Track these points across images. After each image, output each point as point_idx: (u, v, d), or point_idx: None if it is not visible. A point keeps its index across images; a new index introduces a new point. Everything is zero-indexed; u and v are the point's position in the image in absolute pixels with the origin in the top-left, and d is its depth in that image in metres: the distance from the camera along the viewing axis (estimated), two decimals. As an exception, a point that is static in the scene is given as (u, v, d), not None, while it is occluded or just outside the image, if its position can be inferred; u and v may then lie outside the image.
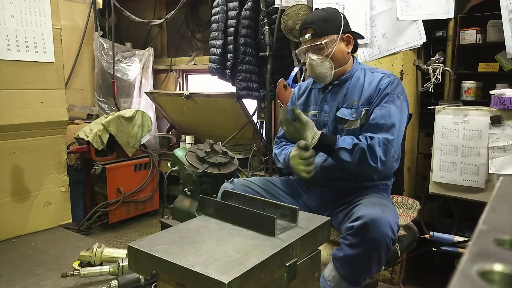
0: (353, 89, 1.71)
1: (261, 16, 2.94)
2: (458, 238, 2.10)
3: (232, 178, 1.80)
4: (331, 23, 1.68)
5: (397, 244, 1.55)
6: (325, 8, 1.78)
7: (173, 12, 3.60)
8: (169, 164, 2.95)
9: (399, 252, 1.55)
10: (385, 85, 1.63)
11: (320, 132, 1.58)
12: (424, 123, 2.44)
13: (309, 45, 1.69)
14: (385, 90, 1.62)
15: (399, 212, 1.80)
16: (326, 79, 1.73)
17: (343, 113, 1.69)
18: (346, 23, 1.71)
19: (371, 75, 1.70)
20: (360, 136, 1.58)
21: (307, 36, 1.68)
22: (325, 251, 1.69)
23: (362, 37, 1.81)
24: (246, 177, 2.77)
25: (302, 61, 1.81)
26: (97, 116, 3.69)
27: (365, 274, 1.43)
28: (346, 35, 1.71)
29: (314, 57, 1.68)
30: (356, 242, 1.37)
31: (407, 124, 2.06)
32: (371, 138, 1.55)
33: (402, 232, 1.65)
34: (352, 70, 1.74)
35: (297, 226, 1.23)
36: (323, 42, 1.65)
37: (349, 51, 1.73)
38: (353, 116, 1.66)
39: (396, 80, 1.66)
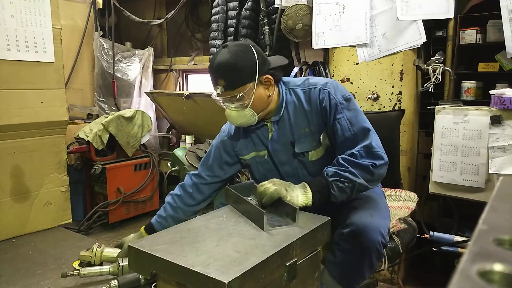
0: (295, 117, 1.55)
1: (261, 16, 2.94)
2: (458, 238, 2.10)
3: (229, 184, 1.77)
4: (244, 71, 1.45)
5: (398, 240, 1.55)
6: (234, 48, 1.47)
7: (173, 12, 3.60)
8: (169, 164, 2.95)
9: (400, 248, 1.55)
10: (327, 100, 1.49)
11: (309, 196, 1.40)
12: (424, 123, 2.44)
13: (222, 98, 1.50)
14: (330, 104, 1.48)
15: (398, 205, 1.80)
16: (251, 124, 1.57)
17: (302, 147, 1.55)
18: (263, 62, 1.49)
19: (303, 93, 1.55)
20: (336, 159, 1.45)
21: (219, 89, 1.47)
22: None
23: (285, 62, 1.62)
24: (246, 177, 2.77)
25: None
26: (97, 116, 3.69)
27: (358, 278, 1.44)
28: (265, 77, 1.50)
29: (232, 106, 1.51)
30: (347, 248, 1.37)
31: (399, 121, 2.06)
32: (351, 155, 1.43)
33: (403, 225, 1.64)
34: (281, 101, 1.57)
35: (296, 226, 1.25)
36: (238, 95, 1.46)
37: (270, 93, 1.53)
38: (313, 144, 1.54)
39: (332, 86, 1.51)
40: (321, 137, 1.53)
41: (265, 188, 1.36)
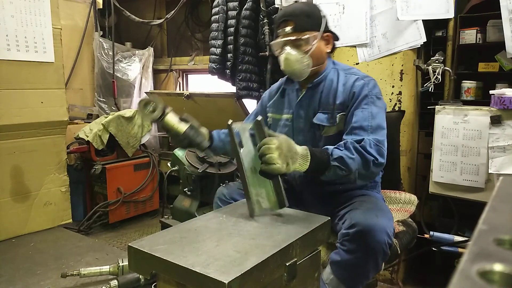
0: (327, 92, 1.64)
1: (261, 16, 2.94)
2: (458, 238, 2.10)
3: (228, 181, 1.78)
4: (314, 19, 1.60)
5: (396, 241, 1.55)
6: (307, 2, 1.68)
7: (173, 12, 3.60)
8: (169, 164, 2.95)
9: (399, 249, 1.55)
10: (359, 88, 1.56)
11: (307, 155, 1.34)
12: (424, 123, 2.44)
13: (288, 38, 1.59)
14: (362, 92, 1.55)
15: (398, 208, 1.80)
16: (302, 76, 1.63)
17: (320, 118, 1.63)
18: (327, 22, 1.64)
19: (344, 76, 1.64)
20: (345, 142, 1.45)
21: (287, 29, 1.58)
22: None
23: (338, 39, 1.71)
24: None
25: (276, 55, 1.68)
26: (97, 116, 3.69)
27: (363, 278, 1.44)
28: (326, 34, 1.64)
29: (293, 52, 1.58)
30: (352, 248, 1.37)
31: (400, 121, 2.06)
32: (360, 141, 1.44)
33: (401, 228, 1.64)
34: (325, 71, 1.68)
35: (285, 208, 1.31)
36: (304, 37, 1.57)
37: (328, 50, 1.67)
38: (330, 121, 1.61)
39: (371, 82, 1.60)
40: (337, 116, 1.59)
41: (269, 157, 1.24)
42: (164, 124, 1.53)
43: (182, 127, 1.53)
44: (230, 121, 1.35)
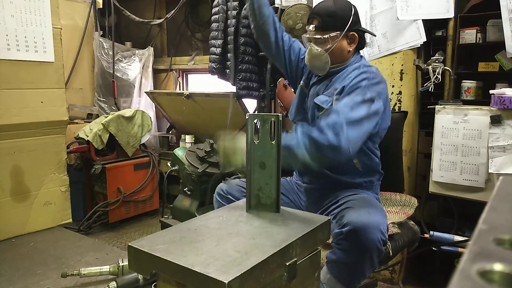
0: (337, 79, 1.69)
1: (261, 15, 2.93)
2: (458, 238, 2.10)
3: (227, 178, 1.79)
4: (337, 18, 1.65)
5: (389, 244, 1.54)
6: (339, 0, 1.68)
7: (173, 11, 3.60)
8: (169, 164, 2.95)
9: (390, 251, 1.54)
10: (361, 78, 1.58)
11: None
12: (424, 123, 2.44)
13: (311, 36, 1.69)
14: (360, 83, 1.56)
15: (396, 210, 1.80)
16: (321, 71, 1.73)
17: (320, 100, 1.67)
18: (355, 21, 1.67)
19: (362, 69, 1.65)
20: (298, 128, 1.51)
21: (311, 27, 1.68)
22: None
23: (374, 35, 1.78)
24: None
25: (305, 48, 1.80)
26: (97, 116, 3.69)
27: (359, 276, 1.45)
28: (351, 33, 1.68)
29: (314, 49, 1.68)
30: (347, 247, 1.38)
31: (403, 122, 2.06)
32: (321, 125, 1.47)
33: (396, 230, 1.64)
34: (348, 65, 1.71)
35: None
36: (323, 37, 1.65)
37: (351, 49, 1.70)
38: (329, 104, 1.64)
39: (377, 79, 1.60)
40: (334, 99, 1.62)
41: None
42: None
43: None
44: (249, 114, 1.33)
